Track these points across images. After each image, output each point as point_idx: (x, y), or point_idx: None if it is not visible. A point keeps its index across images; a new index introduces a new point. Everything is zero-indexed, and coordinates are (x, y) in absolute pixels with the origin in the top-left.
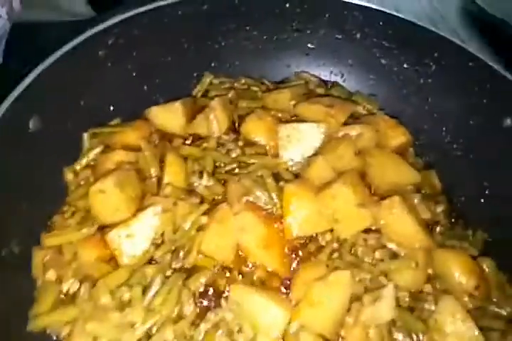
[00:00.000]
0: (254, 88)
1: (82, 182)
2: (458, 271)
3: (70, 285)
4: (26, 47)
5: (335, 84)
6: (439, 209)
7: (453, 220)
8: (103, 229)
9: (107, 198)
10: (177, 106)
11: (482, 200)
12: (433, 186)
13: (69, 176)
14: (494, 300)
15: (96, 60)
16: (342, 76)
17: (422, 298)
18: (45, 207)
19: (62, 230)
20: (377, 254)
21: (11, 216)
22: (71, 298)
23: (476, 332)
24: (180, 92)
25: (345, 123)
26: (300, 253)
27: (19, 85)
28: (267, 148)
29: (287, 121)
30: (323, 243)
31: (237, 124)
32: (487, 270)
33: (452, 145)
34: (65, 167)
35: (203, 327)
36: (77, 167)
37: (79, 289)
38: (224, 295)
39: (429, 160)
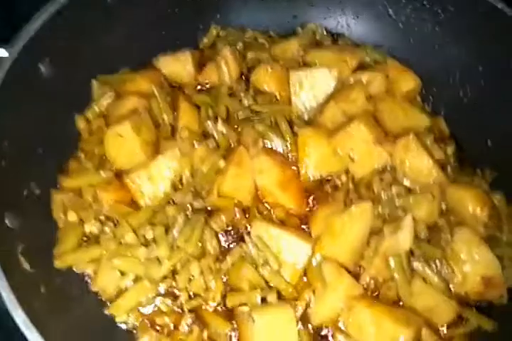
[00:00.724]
0: (261, 40)
1: (94, 130)
2: (471, 203)
3: (91, 226)
4: None
5: (341, 34)
6: (450, 150)
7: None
8: (119, 174)
9: (124, 142)
10: (187, 54)
11: (489, 143)
12: (441, 131)
13: (81, 124)
14: (505, 229)
15: (105, 6)
16: (348, 27)
17: (437, 229)
18: (60, 153)
19: (80, 173)
20: (394, 190)
21: (28, 159)
22: (94, 240)
23: (491, 256)
24: (186, 44)
25: (356, 71)
26: (316, 193)
27: (29, 26)
28: (278, 97)
29: (299, 69)
30: (338, 183)
31: (246, 75)
32: (497, 203)
33: (459, 91)
34: (76, 114)
35: (229, 259)
36: (89, 114)
37: (101, 230)
38: (246, 232)
39: (436, 107)
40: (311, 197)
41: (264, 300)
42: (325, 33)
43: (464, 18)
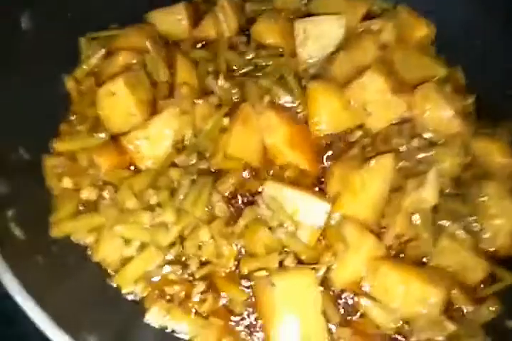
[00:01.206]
0: None
1: (85, 91)
2: (497, 155)
3: (89, 192)
4: None
5: None
6: (470, 99)
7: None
8: (115, 137)
9: (118, 101)
10: (179, 8)
11: (510, 93)
12: (457, 81)
13: (70, 84)
14: None
15: None
16: None
17: (463, 183)
18: (50, 116)
19: (74, 136)
20: (415, 143)
21: (15, 122)
22: (92, 207)
23: None
24: None
25: (364, 19)
26: (330, 151)
27: None
28: (282, 49)
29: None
30: (352, 139)
31: (245, 28)
32: None
33: (475, 39)
34: (64, 74)
35: (242, 222)
36: (79, 74)
37: (99, 197)
38: (257, 195)
39: (451, 56)
40: (325, 155)
41: (281, 264)
42: None
43: None
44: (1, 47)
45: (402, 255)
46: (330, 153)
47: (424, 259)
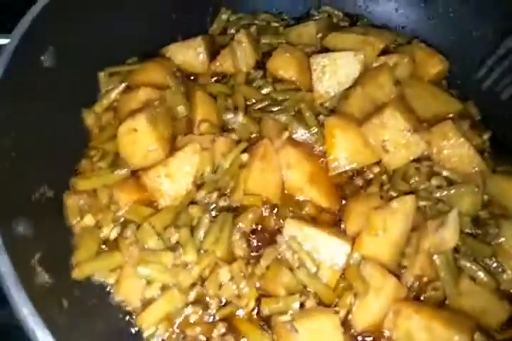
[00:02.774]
0: (275, 24)
1: (105, 125)
2: None
3: (110, 230)
4: None
5: (360, 16)
6: (486, 136)
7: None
8: (135, 172)
9: (139, 138)
10: (198, 41)
11: None
12: (472, 116)
13: (89, 119)
14: None
15: None
16: (367, 8)
17: (482, 223)
18: (70, 151)
19: (94, 173)
20: (434, 181)
21: (35, 159)
22: (113, 245)
23: None
24: (196, 31)
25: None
26: (347, 187)
27: (30, 13)
28: (298, 84)
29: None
30: (370, 176)
31: (261, 62)
32: None
33: (488, 75)
34: (84, 109)
35: (263, 263)
36: (98, 108)
37: (120, 234)
38: (276, 232)
39: (463, 92)
40: (343, 192)
41: (301, 305)
42: (342, 15)
43: None
44: (22, 85)
45: (422, 296)
46: (348, 189)
47: (445, 300)
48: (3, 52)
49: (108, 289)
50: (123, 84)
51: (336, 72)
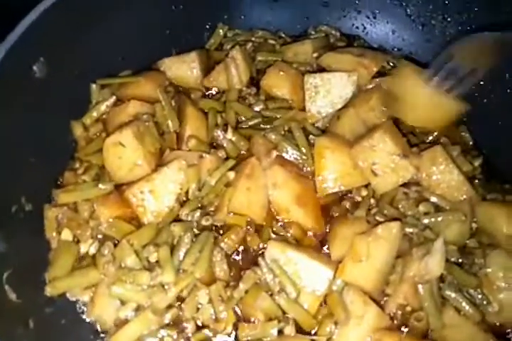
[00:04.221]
0: (272, 41)
1: (92, 137)
2: (505, 223)
3: (89, 245)
4: None
5: (356, 37)
6: (477, 162)
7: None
8: (119, 187)
9: (125, 152)
10: (192, 56)
11: None
12: (465, 141)
13: (78, 130)
14: None
15: (104, 2)
16: (364, 29)
17: (468, 251)
18: (54, 163)
19: (77, 186)
20: (422, 208)
21: (19, 170)
22: (90, 261)
23: None
24: (192, 45)
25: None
26: (334, 210)
27: (22, 23)
28: (291, 102)
29: (313, 72)
30: (358, 199)
31: (256, 79)
32: None
33: (484, 99)
34: (73, 121)
35: (243, 287)
36: (87, 120)
37: (99, 250)
38: (259, 254)
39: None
40: (329, 214)
41: (280, 332)
42: (339, 35)
43: (488, 19)
44: (11, 95)
45: (405, 327)
46: (335, 211)
47: (429, 331)
48: None
49: (81, 308)
50: (113, 97)
51: (328, 92)
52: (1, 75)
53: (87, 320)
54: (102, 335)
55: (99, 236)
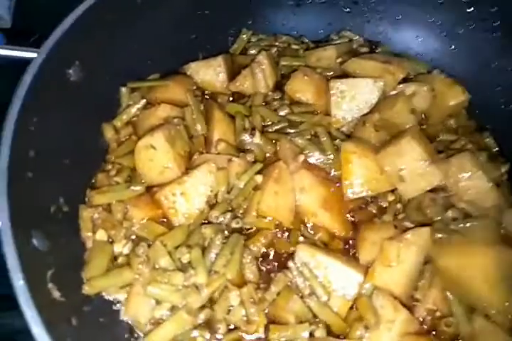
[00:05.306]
0: (295, 46)
1: (123, 140)
2: None
3: (122, 246)
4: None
5: (380, 43)
6: (504, 168)
7: None
8: (151, 189)
9: (157, 155)
10: (219, 60)
11: None
12: (489, 148)
13: (109, 133)
14: None
15: (134, 6)
16: (387, 35)
17: None
18: (88, 164)
19: (110, 188)
20: (450, 213)
21: (56, 172)
22: (125, 260)
23: None
24: (217, 50)
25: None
26: (361, 214)
27: (58, 29)
28: (315, 107)
29: (338, 78)
30: (385, 204)
31: (280, 83)
32: None
33: (508, 106)
34: (104, 123)
35: (274, 289)
36: (118, 123)
37: (133, 251)
38: (288, 257)
39: (482, 122)
40: (356, 219)
41: (311, 335)
42: (362, 40)
43: None
44: (48, 99)
45: (435, 332)
46: (361, 216)
47: (457, 337)
48: (32, 65)
49: (117, 307)
50: (143, 100)
51: (354, 97)
52: (40, 79)
53: (123, 319)
54: (136, 335)
55: (133, 237)
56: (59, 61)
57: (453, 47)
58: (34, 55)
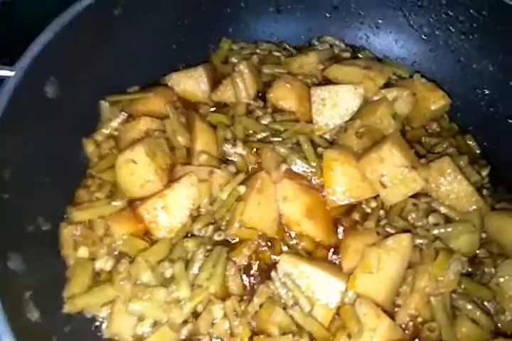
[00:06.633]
0: (277, 53)
1: (104, 154)
2: None
3: (104, 262)
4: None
5: (361, 48)
6: (485, 172)
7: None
8: (132, 203)
9: (137, 169)
10: (200, 70)
11: None
12: (472, 150)
13: (89, 147)
14: None
15: (111, 20)
16: (368, 39)
17: (479, 262)
18: (68, 181)
19: (91, 204)
20: (431, 219)
21: (34, 190)
22: (107, 277)
23: None
24: (198, 59)
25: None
26: (345, 221)
27: (34, 45)
28: (298, 114)
29: (319, 85)
30: (368, 210)
31: (262, 91)
32: None
33: (489, 108)
34: (84, 138)
35: (257, 301)
36: (99, 137)
37: (115, 267)
38: (272, 267)
39: (464, 125)
40: (340, 226)
41: None
42: (343, 47)
43: (491, 27)
44: (24, 117)
45: (418, 338)
46: (344, 223)
47: None
48: (7, 84)
49: (99, 325)
50: (124, 114)
51: (335, 104)
52: (15, 97)
53: (106, 336)
54: None
55: (115, 253)
56: (34, 78)
57: (433, 50)
58: (9, 73)
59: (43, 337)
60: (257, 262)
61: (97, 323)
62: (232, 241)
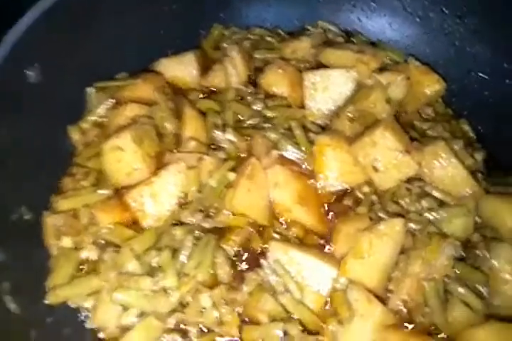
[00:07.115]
0: (269, 38)
1: (90, 142)
2: (509, 217)
3: (89, 252)
4: None
5: (354, 32)
6: (479, 156)
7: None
8: (119, 191)
9: (124, 156)
10: (189, 56)
11: None
12: (466, 134)
13: (75, 135)
14: None
15: (96, 4)
16: (361, 23)
17: (472, 246)
18: (53, 169)
19: (76, 192)
20: (425, 203)
21: (17, 179)
22: (91, 267)
23: None
24: (189, 45)
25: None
26: (336, 207)
27: (15, 29)
28: (290, 100)
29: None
30: (360, 195)
31: (254, 77)
32: None
33: (483, 92)
34: (69, 125)
35: (246, 289)
36: (84, 124)
37: (100, 257)
38: (261, 254)
39: (459, 109)
40: (331, 212)
41: (285, 333)
42: (337, 31)
43: (486, 10)
44: (6, 102)
45: (410, 323)
46: (336, 209)
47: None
48: None
49: (82, 316)
50: (110, 100)
51: (328, 89)
52: None
53: (90, 327)
54: None
55: (100, 242)
56: (16, 63)
57: (427, 33)
58: None
59: (21, 328)
60: (247, 249)
61: (82, 314)
62: (222, 229)
